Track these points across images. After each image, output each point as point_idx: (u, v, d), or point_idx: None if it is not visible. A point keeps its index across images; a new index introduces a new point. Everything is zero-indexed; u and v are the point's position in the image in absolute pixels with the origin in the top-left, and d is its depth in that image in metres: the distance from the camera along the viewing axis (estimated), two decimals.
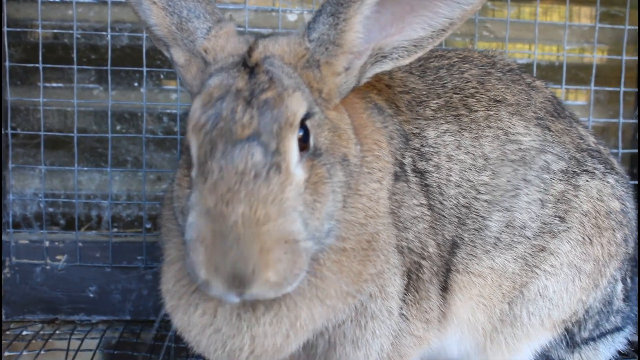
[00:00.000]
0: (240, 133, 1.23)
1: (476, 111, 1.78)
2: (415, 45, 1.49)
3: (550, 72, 2.79)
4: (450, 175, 1.68)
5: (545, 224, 1.72)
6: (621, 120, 2.69)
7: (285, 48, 1.46)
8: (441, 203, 1.66)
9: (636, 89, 2.72)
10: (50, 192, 2.63)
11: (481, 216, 1.69)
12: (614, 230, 1.78)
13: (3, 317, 2.51)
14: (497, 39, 2.77)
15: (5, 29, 2.45)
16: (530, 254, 1.73)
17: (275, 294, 1.25)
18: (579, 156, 1.81)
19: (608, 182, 1.81)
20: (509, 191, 1.70)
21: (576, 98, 2.86)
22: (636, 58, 2.68)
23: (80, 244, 2.54)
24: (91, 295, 2.55)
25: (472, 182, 1.69)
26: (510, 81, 1.87)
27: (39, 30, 2.48)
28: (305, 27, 1.47)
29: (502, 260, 1.71)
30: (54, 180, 2.64)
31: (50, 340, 2.30)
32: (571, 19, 2.82)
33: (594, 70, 2.67)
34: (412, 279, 1.64)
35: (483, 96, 1.82)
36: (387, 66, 1.50)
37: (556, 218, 1.73)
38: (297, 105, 1.30)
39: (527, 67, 2.73)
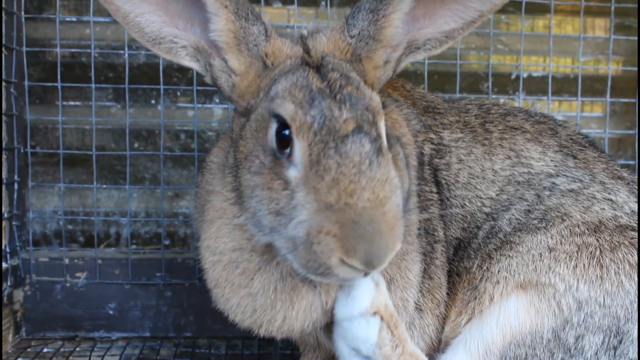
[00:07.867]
0: (345, 128, 1.29)
1: (491, 132, 1.81)
2: (446, 37, 1.57)
3: (565, 84, 2.79)
4: (458, 176, 1.73)
5: (521, 224, 1.67)
6: (637, 131, 2.67)
7: (330, 45, 1.51)
8: (448, 199, 1.72)
9: None
10: (69, 210, 2.65)
11: (477, 226, 1.71)
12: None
13: (24, 334, 2.54)
14: (511, 52, 2.77)
15: (24, 49, 2.47)
16: (495, 249, 1.66)
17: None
18: (610, 183, 1.71)
19: (626, 235, 1.62)
20: (504, 206, 1.71)
21: (592, 110, 2.85)
22: None
23: (99, 261, 2.55)
24: (111, 312, 2.56)
25: (480, 192, 1.72)
26: (535, 121, 1.87)
27: (57, 50, 2.50)
28: (343, 23, 1.53)
29: (473, 261, 1.69)
30: (73, 198, 2.66)
31: (70, 358, 2.31)
32: (585, 31, 2.83)
33: (609, 82, 2.66)
34: (426, 263, 1.66)
35: (501, 124, 1.85)
36: (420, 56, 1.58)
37: (535, 220, 1.65)
38: (372, 93, 1.39)
39: (542, 80, 2.75)
